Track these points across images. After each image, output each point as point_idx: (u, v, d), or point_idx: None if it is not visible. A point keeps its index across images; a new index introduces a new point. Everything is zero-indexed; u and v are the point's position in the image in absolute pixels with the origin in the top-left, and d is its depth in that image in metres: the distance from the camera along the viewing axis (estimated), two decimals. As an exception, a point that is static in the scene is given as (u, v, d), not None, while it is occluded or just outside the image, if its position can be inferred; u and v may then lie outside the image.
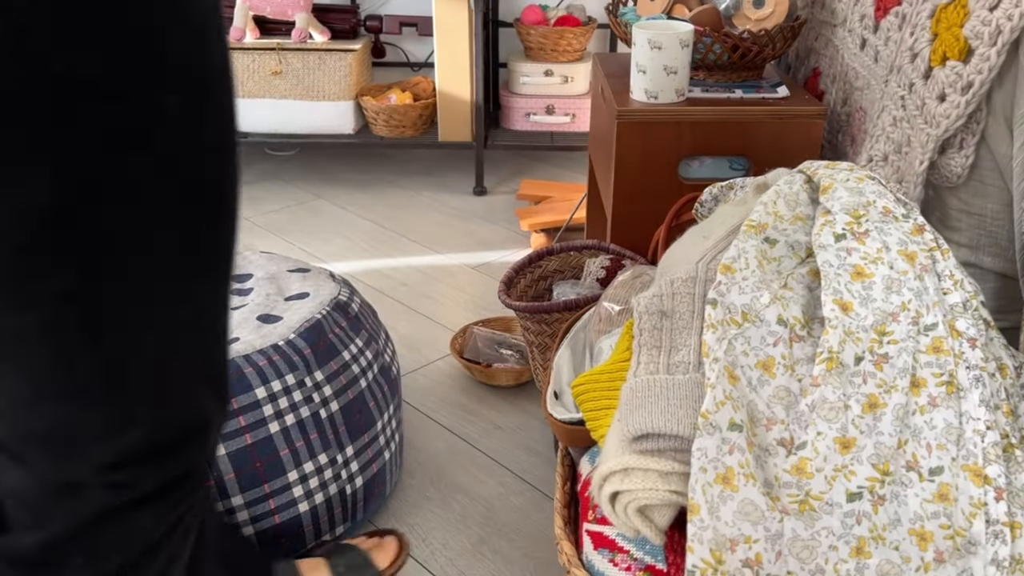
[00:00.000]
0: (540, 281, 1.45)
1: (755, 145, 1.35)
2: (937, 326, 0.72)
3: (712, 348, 0.73)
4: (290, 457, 1.07)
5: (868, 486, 0.66)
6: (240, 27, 2.34)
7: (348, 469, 1.14)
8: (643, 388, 0.73)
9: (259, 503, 1.06)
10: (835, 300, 0.73)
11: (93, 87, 0.50)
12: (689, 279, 0.79)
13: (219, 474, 1.03)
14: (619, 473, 0.72)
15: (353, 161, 2.66)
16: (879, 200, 0.80)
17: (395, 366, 1.28)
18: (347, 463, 1.13)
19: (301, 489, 1.09)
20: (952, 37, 0.97)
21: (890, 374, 0.70)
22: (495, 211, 2.34)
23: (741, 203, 0.90)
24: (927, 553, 0.65)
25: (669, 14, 1.42)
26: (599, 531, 0.80)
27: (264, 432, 1.05)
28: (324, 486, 1.11)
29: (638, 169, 1.35)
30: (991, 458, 0.66)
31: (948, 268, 0.75)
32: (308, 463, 1.09)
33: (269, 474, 1.06)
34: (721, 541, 0.66)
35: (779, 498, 0.67)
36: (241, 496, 1.05)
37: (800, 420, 0.69)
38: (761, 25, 1.37)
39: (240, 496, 1.05)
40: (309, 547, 1.12)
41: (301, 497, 1.09)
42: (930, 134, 1.00)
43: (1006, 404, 0.70)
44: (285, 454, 1.07)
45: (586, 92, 2.49)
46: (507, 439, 1.42)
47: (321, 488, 1.11)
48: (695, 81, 1.41)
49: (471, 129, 2.39)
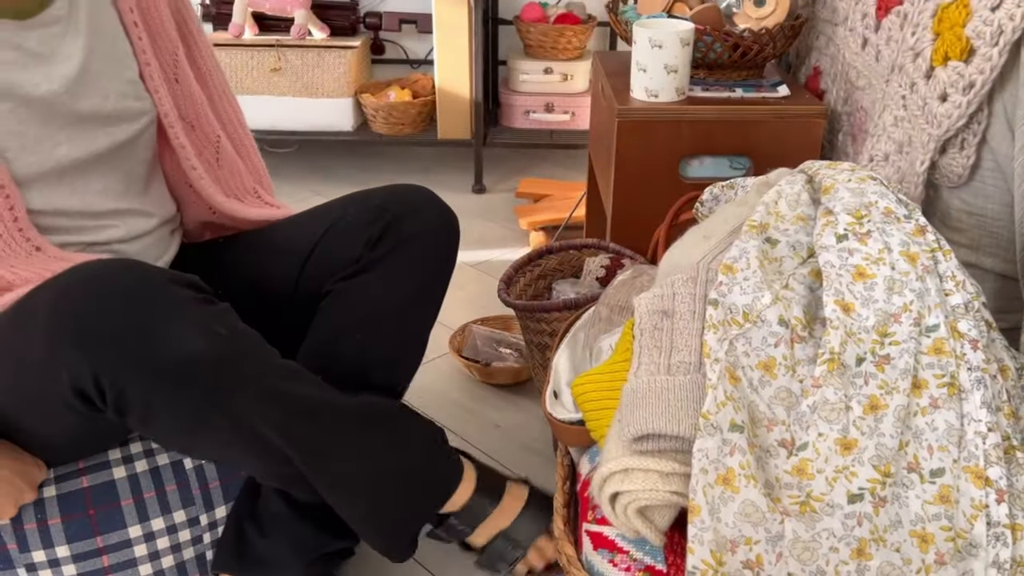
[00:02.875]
0: (539, 280, 1.45)
1: (756, 144, 1.35)
2: (939, 327, 0.71)
3: (713, 348, 0.73)
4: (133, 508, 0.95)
5: (869, 487, 0.66)
6: (239, 23, 2.34)
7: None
8: (644, 388, 0.73)
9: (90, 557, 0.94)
10: (837, 301, 0.73)
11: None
12: (690, 279, 0.79)
13: (43, 517, 0.93)
14: (619, 474, 0.72)
15: (352, 158, 2.65)
16: (881, 201, 0.80)
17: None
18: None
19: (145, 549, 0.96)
20: (954, 37, 0.97)
21: (892, 375, 0.70)
22: (494, 209, 2.34)
23: (742, 203, 0.90)
24: (928, 555, 0.65)
25: (670, 12, 1.42)
26: (599, 531, 0.80)
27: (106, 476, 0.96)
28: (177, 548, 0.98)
29: (638, 168, 1.35)
30: (992, 460, 0.66)
31: (950, 269, 0.75)
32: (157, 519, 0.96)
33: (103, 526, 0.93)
34: (722, 542, 0.66)
35: (780, 499, 0.67)
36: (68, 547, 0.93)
37: (801, 421, 0.69)
38: (762, 24, 1.37)
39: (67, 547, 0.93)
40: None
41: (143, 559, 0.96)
42: (931, 134, 1.00)
43: (1007, 406, 0.70)
44: (127, 504, 0.95)
45: (586, 90, 2.48)
46: (506, 438, 1.42)
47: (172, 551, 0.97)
48: (695, 80, 1.41)
49: (470, 127, 2.39)
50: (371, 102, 2.37)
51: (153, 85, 1.05)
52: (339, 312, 1.04)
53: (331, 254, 1.06)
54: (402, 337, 1.07)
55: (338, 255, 1.05)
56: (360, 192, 1.11)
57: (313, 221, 1.10)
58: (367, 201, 1.07)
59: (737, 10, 1.39)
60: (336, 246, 1.06)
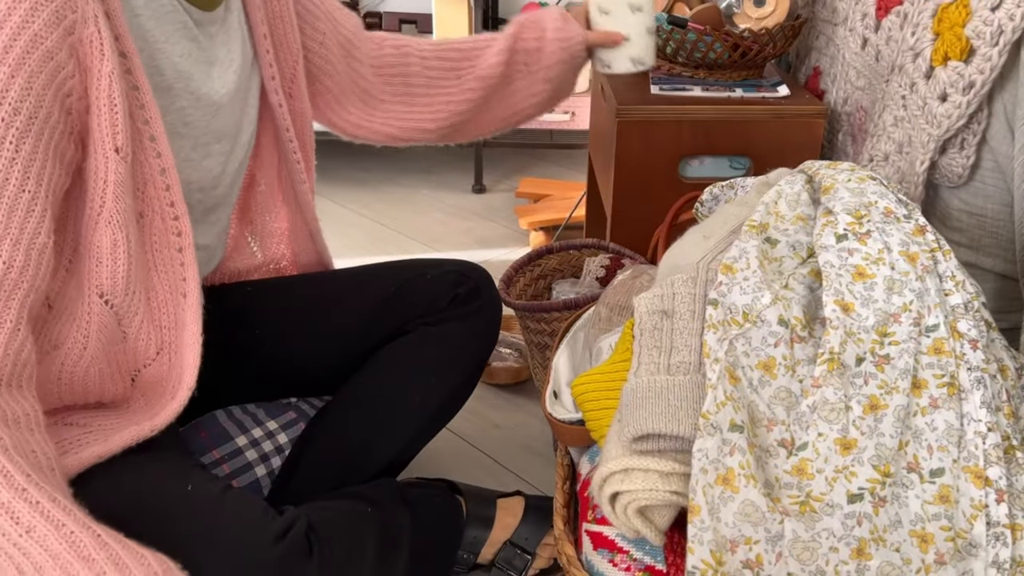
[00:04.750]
0: (539, 280, 1.45)
1: (755, 144, 1.35)
2: (938, 327, 0.71)
3: (713, 349, 0.73)
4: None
5: (869, 487, 0.66)
6: (239, 24, 2.34)
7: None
8: (644, 388, 0.73)
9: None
10: (836, 301, 0.73)
11: None
12: (690, 279, 0.79)
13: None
14: (619, 474, 0.72)
15: (352, 158, 2.65)
16: (881, 201, 0.80)
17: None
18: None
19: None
20: (954, 37, 0.97)
21: (891, 375, 0.70)
22: (494, 209, 2.34)
23: (742, 203, 0.89)
24: (928, 555, 0.65)
25: (670, 12, 1.42)
26: (599, 531, 0.80)
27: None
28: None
29: (638, 168, 1.35)
30: (992, 460, 0.66)
31: (950, 269, 0.75)
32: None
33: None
34: (721, 542, 0.66)
35: (780, 499, 0.67)
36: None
37: (801, 421, 0.69)
38: (762, 24, 1.37)
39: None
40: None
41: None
42: (931, 134, 1.00)
43: (1007, 406, 0.70)
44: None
45: (586, 90, 2.48)
46: (506, 438, 1.42)
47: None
48: (695, 80, 1.41)
49: (470, 127, 2.39)
50: (371, 102, 2.36)
51: (277, 100, 1.02)
52: (419, 353, 1.07)
53: (411, 303, 1.09)
54: (467, 386, 1.13)
55: (419, 305, 1.08)
56: (421, 259, 1.18)
57: (377, 279, 1.12)
58: (443, 266, 1.12)
59: (737, 10, 1.39)
60: (418, 297, 1.09)
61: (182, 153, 0.86)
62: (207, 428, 1.05)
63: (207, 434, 1.04)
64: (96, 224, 0.76)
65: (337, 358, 1.08)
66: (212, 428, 1.05)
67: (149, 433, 0.82)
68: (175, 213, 0.82)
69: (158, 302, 0.84)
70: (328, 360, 1.08)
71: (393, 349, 1.07)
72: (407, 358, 1.07)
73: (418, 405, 1.06)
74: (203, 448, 1.02)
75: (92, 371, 0.81)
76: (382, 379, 1.06)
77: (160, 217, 0.81)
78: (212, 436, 1.04)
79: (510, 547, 1.08)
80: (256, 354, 1.07)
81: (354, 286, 1.12)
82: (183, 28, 0.84)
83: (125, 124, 0.74)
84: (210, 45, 0.88)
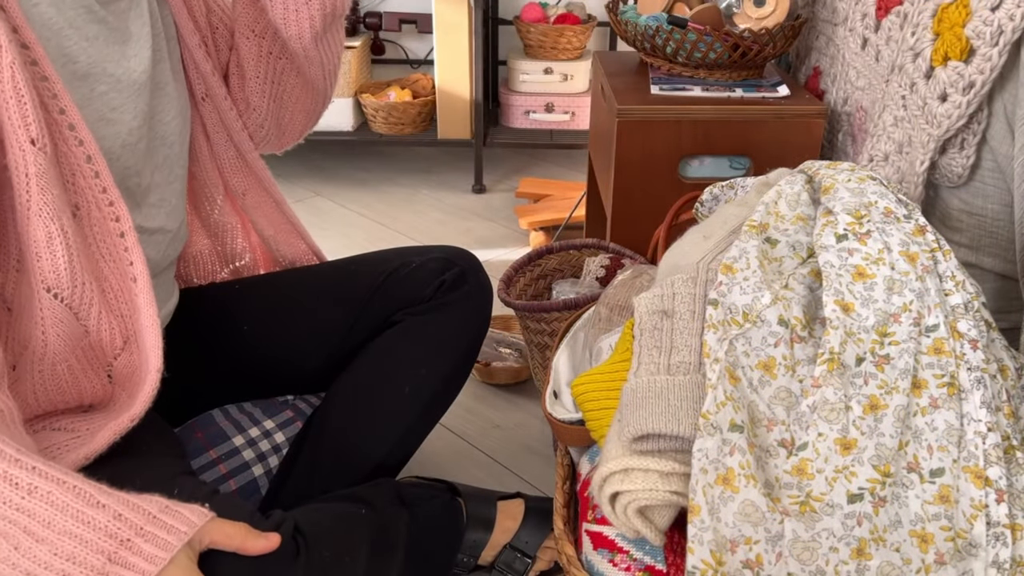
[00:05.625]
0: (539, 280, 1.45)
1: (755, 144, 1.35)
2: (938, 327, 0.71)
3: (713, 349, 0.73)
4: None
5: (869, 487, 0.66)
6: (239, 24, 2.34)
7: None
8: (644, 388, 0.73)
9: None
10: (836, 301, 0.73)
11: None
12: (690, 279, 0.79)
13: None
14: (619, 474, 0.72)
15: (352, 158, 2.66)
16: (881, 201, 0.80)
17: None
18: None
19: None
20: (954, 37, 0.97)
21: (891, 375, 0.70)
22: (494, 209, 2.34)
23: (742, 203, 0.89)
24: (928, 555, 0.65)
25: (670, 12, 1.42)
26: (598, 531, 0.80)
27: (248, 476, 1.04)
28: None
29: (638, 168, 1.35)
30: (992, 460, 0.66)
31: (950, 269, 0.75)
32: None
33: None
34: (721, 542, 0.66)
35: (780, 499, 0.67)
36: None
37: (801, 421, 0.69)
38: (762, 24, 1.37)
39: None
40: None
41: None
42: (931, 134, 1.00)
43: (1007, 406, 0.70)
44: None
45: (586, 90, 2.48)
46: (506, 438, 1.42)
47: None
48: (695, 80, 1.41)
49: (470, 127, 2.39)
50: (371, 102, 2.37)
51: (203, 58, 0.99)
52: (407, 344, 1.07)
53: (397, 294, 1.08)
54: (459, 375, 1.13)
55: (405, 295, 1.08)
56: (408, 247, 1.16)
57: (364, 269, 1.12)
58: (428, 253, 1.12)
59: (737, 10, 1.39)
60: (404, 287, 1.09)
61: (118, 139, 0.85)
62: (203, 428, 1.04)
63: (203, 434, 1.04)
64: (28, 219, 0.74)
65: (328, 352, 1.08)
66: (208, 428, 1.04)
67: (129, 424, 0.81)
68: (109, 199, 0.80)
69: (112, 291, 0.82)
70: (319, 355, 1.08)
71: (382, 341, 1.07)
72: (396, 350, 1.06)
73: (409, 397, 1.05)
74: (200, 448, 1.02)
75: (60, 368, 0.80)
76: (372, 373, 1.06)
77: (95, 205, 0.79)
78: (208, 436, 1.03)
79: (510, 550, 1.08)
80: (247, 351, 1.07)
81: (341, 278, 1.11)
82: (87, 12, 0.82)
83: (37, 115, 0.72)
84: (121, 22, 0.86)
